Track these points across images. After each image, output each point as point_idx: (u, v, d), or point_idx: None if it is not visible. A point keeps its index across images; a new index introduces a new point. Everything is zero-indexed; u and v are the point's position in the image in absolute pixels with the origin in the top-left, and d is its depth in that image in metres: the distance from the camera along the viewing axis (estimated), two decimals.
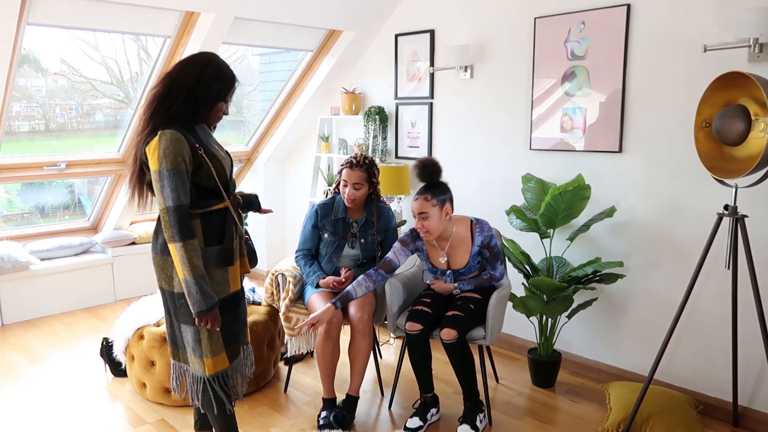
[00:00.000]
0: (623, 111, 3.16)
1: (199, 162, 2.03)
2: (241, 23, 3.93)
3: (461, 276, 2.91)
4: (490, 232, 2.86)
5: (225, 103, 2.15)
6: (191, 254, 1.97)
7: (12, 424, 2.90)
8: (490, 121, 3.81)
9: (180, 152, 1.96)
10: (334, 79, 4.75)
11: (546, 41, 3.44)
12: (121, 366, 3.34)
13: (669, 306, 3.09)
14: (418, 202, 2.74)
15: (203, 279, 2.01)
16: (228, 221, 2.14)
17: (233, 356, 2.23)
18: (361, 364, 2.91)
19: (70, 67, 4.19)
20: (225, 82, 2.10)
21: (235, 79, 2.15)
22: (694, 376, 3.06)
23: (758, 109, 2.31)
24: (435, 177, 2.79)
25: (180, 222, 1.96)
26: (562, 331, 3.50)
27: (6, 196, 4.61)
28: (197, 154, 2.02)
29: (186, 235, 1.97)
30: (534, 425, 2.91)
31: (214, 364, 2.14)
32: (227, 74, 2.12)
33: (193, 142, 2.02)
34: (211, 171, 2.05)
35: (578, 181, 3.07)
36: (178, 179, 1.96)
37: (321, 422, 2.82)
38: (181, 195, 1.96)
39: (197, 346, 2.13)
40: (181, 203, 1.96)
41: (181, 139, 1.97)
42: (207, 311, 2.02)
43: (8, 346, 3.89)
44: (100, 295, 4.75)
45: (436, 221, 2.74)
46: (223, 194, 2.11)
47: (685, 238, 3.01)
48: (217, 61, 2.12)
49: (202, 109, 2.08)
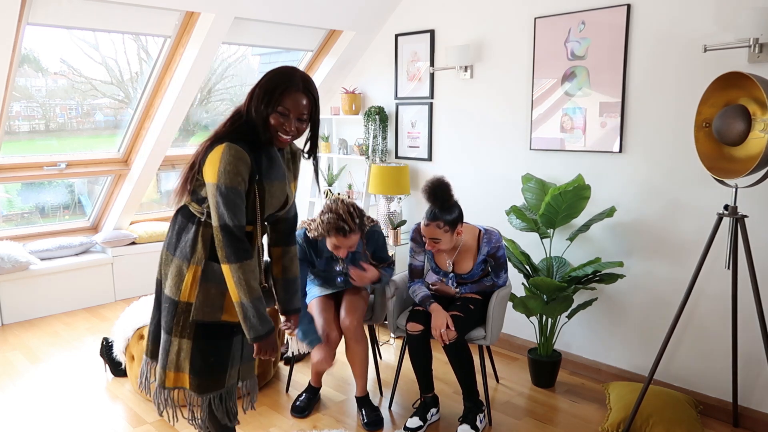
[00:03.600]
0: (623, 111, 3.16)
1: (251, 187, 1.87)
2: (241, 23, 3.93)
3: (463, 281, 2.92)
4: (498, 244, 2.83)
5: (280, 116, 1.84)
6: (248, 276, 1.83)
7: (12, 424, 2.89)
8: (490, 121, 3.81)
9: (240, 172, 1.81)
10: (334, 79, 4.75)
11: (546, 41, 3.44)
12: (121, 366, 3.34)
13: (669, 306, 3.09)
14: (430, 228, 2.67)
15: (260, 302, 1.86)
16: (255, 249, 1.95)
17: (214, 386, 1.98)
18: (360, 368, 2.92)
19: (70, 67, 4.19)
20: (271, 87, 1.83)
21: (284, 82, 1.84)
22: (694, 376, 3.06)
23: (758, 109, 2.31)
24: (445, 200, 2.68)
25: (235, 243, 1.82)
26: (562, 331, 3.50)
27: (6, 196, 4.61)
28: (253, 180, 1.86)
29: (241, 256, 1.83)
30: (534, 425, 2.91)
31: (174, 379, 1.97)
32: (275, 78, 1.84)
33: (254, 167, 1.85)
34: (256, 202, 1.88)
35: (578, 181, 3.07)
36: (236, 198, 1.82)
37: (298, 403, 3.00)
38: (237, 214, 1.83)
39: (163, 355, 1.98)
40: (236, 224, 1.83)
41: (245, 158, 1.82)
42: (264, 336, 1.86)
43: (8, 346, 3.89)
44: (100, 295, 4.74)
45: (447, 243, 2.74)
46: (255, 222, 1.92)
47: (685, 239, 3.01)
48: (277, 69, 1.86)
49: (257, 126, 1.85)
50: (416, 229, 2.88)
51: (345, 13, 4.13)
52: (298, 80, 1.85)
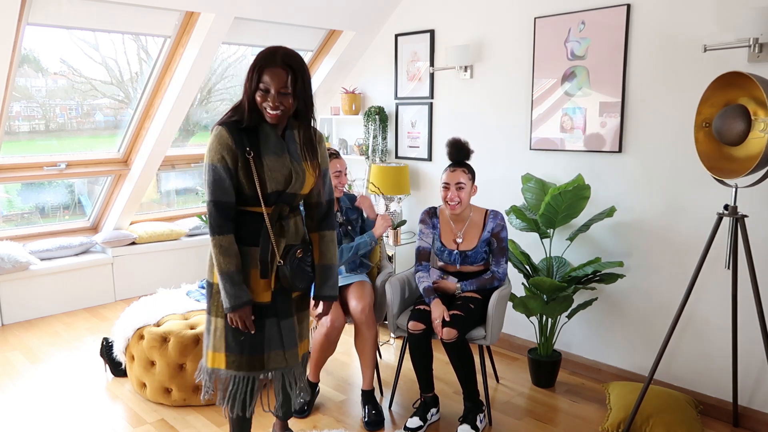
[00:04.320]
0: (623, 111, 3.16)
1: (245, 163, 1.96)
2: (241, 23, 3.93)
3: (467, 259, 2.93)
4: (503, 223, 2.95)
5: (262, 92, 1.93)
6: (220, 250, 1.96)
7: (12, 424, 2.90)
8: (489, 121, 3.81)
9: (219, 150, 1.94)
10: (334, 79, 4.76)
11: (546, 41, 3.44)
12: (121, 366, 3.34)
13: (669, 306, 3.09)
14: (456, 173, 2.86)
15: (229, 276, 1.97)
16: (263, 230, 2.03)
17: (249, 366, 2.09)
18: (369, 356, 2.94)
19: (70, 67, 4.19)
20: (253, 66, 1.94)
21: (263, 59, 1.92)
22: (694, 376, 3.06)
23: (758, 109, 2.31)
24: (466, 155, 2.92)
25: (214, 218, 1.96)
26: (562, 331, 3.50)
27: (6, 196, 4.61)
28: (244, 154, 1.96)
29: (217, 231, 1.96)
30: (534, 425, 2.91)
31: (212, 359, 2.10)
32: (257, 57, 1.94)
33: (244, 142, 1.96)
34: (253, 176, 1.96)
35: (578, 181, 3.07)
36: (216, 175, 1.95)
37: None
38: (217, 191, 1.95)
39: (207, 336, 2.13)
40: (216, 199, 1.95)
41: (225, 136, 1.94)
42: (232, 309, 1.98)
43: (8, 346, 3.89)
44: (100, 295, 4.74)
45: (467, 194, 2.88)
46: (260, 201, 2.00)
47: (685, 238, 3.01)
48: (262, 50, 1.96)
49: (247, 104, 1.97)
50: (426, 211, 3.02)
51: (345, 13, 4.13)
52: (278, 56, 1.92)
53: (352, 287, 3.02)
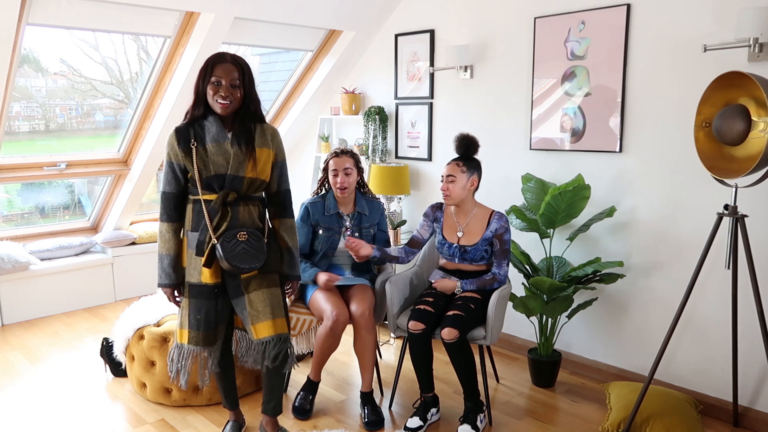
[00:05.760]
0: (623, 111, 3.16)
1: (190, 152, 2.26)
2: (241, 23, 3.93)
3: (466, 254, 2.93)
4: (507, 225, 2.94)
5: (214, 84, 2.22)
6: (160, 235, 2.35)
7: (12, 424, 2.90)
8: (490, 121, 3.81)
9: (171, 145, 2.28)
10: (334, 79, 4.76)
11: (546, 41, 3.44)
12: (121, 366, 3.34)
13: (669, 306, 3.09)
14: (450, 166, 2.92)
15: (161, 258, 2.34)
16: (201, 213, 2.30)
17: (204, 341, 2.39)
18: (369, 359, 2.93)
19: (70, 67, 4.19)
20: (205, 65, 2.25)
21: (214, 58, 2.24)
22: (694, 376, 3.06)
23: (758, 109, 2.31)
24: (471, 151, 2.96)
25: (161, 206, 2.34)
26: (562, 331, 3.50)
27: (6, 196, 4.62)
28: (189, 147, 2.26)
29: (161, 218, 2.34)
30: (534, 425, 2.91)
31: (180, 335, 2.43)
32: (208, 59, 2.26)
33: (190, 136, 2.27)
34: (193, 164, 2.25)
35: (578, 181, 3.07)
36: (167, 168, 2.31)
37: (297, 403, 2.98)
38: (164, 183, 2.32)
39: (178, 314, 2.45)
40: (162, 189, 2.33)
41: (172, 135, 2.28)
42: (158, 285, 2.37)
43: (8, 346, 3.89)
44: (100, 295, 4.75)
45: (460, 187, 2.89)
46: (197, 187, 2.28)
47: (685, 238, 3.01)
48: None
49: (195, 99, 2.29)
50: (432, 205, 3.08)
51: (345, 13, 4.13)
52: (228, 56, 2.27)
53: (354, 290, 3.02)
